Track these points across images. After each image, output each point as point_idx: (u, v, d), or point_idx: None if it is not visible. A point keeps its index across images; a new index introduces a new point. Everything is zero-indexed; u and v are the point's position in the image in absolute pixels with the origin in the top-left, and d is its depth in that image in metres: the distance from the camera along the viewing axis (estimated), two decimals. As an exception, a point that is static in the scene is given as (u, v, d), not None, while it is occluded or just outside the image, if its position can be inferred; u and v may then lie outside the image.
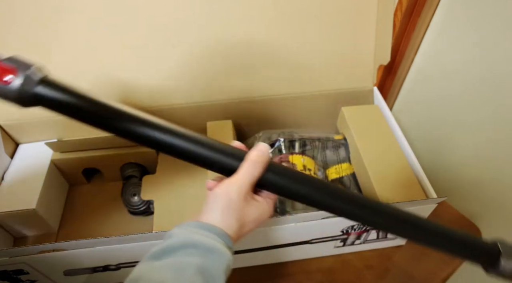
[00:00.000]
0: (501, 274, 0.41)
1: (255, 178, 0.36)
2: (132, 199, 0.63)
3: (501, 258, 0.41)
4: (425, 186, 0.54)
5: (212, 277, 0.31)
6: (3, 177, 0.60)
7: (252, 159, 0.36)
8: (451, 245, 0.42)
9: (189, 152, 0.36)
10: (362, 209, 0.38)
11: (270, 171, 0.37)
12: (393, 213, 0.40)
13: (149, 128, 0.36)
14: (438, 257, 0.61)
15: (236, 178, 0.35)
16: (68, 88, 0.34)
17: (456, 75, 0.64)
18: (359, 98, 0.68)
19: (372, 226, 0.45)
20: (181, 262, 0.31)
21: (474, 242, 0.42)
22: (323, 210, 0.39)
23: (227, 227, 0.34)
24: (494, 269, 0.41)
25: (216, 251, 0.32)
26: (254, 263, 0.60)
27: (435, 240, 0.42)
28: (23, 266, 0.49)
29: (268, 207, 0.38)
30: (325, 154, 0.66)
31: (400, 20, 0.69)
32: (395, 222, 0.40)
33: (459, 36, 0.61)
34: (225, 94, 0.63)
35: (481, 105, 0.61)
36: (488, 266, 0.42)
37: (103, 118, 0.35)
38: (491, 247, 0.41)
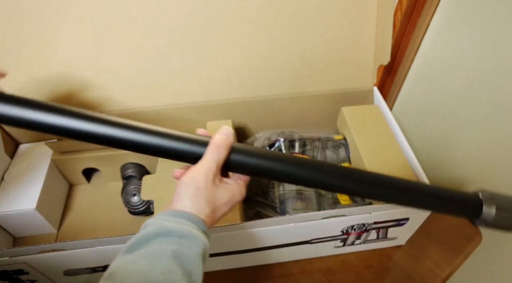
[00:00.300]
0: (485, 222, 0.41)
1: (221, 161, 0.36)
2: (132, 199, 0.63)
3: (483, 207, 0.41)
4: (425, 186, 0.54)
5: (188, 262, 0.31)
6: (3, 177, 0.60)
7: (216, 143, 0.36)
8: (436, 202, 0.42)
9: (152, 145, 0.37)
10: (336, 177, 0.39)
11: (235, 152, 0.37)
12: (372, 177, 0.40)
13: (104, 127, 0.36)
14: (438, 257, 0.61)
15: (201, 163, 0.36)
16: (14, 98, 0.34)
17: (456, 75, 0.64)
18: (359, 98, 0.68)
19: (352, 193, 0.45)
20: (155, 250, 0.31)
21: (457, 196, 0.42)
22: (295, 184, 0.39)
23: (199, 211, 0.34)
24: (479, 220, 0.41)
25: (189, 236, 0.32)
26: (254, 263, 0.60)
27: (419, 199, 0.42)
28: (23, 266, 0.49)
29: (239, 188, 0.38)
30: (325, 154, 0.66)
31: (400, 20, 0.69)
32: (375, 187, 0.40)
33: (459, 36, 0.61)
34: (225, 94, 0.63)
35: (481, 105, 0.61)
36: (474, 217, 0.42)
37: (49, 124, 0.36)
38: (473, 198, 0.42)
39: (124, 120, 0.37)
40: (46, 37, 0.54)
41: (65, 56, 0.56)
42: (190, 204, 0.35)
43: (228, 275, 0.59)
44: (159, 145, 0.37)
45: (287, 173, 0.38)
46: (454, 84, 0.66)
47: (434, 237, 0.63)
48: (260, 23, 0.58)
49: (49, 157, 0.63)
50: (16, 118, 0.35)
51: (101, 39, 0.56)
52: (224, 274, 0.59)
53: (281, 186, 0.59)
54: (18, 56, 0.55)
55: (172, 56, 0.59)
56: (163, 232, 0.32)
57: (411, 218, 0.54)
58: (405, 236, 0.61)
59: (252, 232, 0.49)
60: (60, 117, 0.36)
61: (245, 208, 0.59)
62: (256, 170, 0.38)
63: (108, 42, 0.56)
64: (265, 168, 0.38)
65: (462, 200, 0.42)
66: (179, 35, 0.57)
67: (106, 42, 0.56)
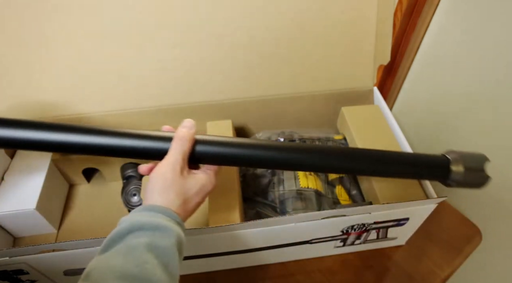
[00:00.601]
0: (456, 182, 0.42)
1: (186, 152, 0.37)
2: (132, 199, 0.63)
3: (451, 166, 0.42)
4: (425, 186, 0.54)
5: (164, 252, 0.32)
6: (3, 177, 0.60)
7: (179, 136, 0.37)
8: (408, 169, 0.43)
9: (117, 147, 0.38)
10: (303, 156, 0.40)
11: (199, 143, 0.39)
12: (338, 153, 0.41)
13: (66, 134, 0.37)
14: (438, 257, 0.61)
15: (167, 158, 0.37)
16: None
17: (456, 75, 0.64)
18: (359, 98, 0.68)
19: (321, 169, 0.47)
20: (129, 245, 0.31)
21: (426, 160, 0.43)
22: (263, 167, 0.41)
23: (170, 204, 0.35)
24: (450, 180, 0.42)
25: (162, 228, 0.33)
26: (254, 263, 0.60)
27: (391, 169, 0.43)
28: (23, 266, 0.49)
29: (209, 177, 0.39)
30: (325, 154, 0.66)
31: (400, 20, 0.69)
32: (342, 161, 0.41)
33: (459, 36, 0.61)
34: (225, 94, 0.63)
35: (481, 105, 0.61)
36: (445, 178, 0.42)
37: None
38: (441, 159, 0.43)
39: (84, 126, 0.38)
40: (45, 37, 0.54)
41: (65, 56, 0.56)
42: (160, 198, 0.35)
43: (228, 275, 0.59)
44: (125, 146, 0.38)
45: (251, 158, 0.40)
46: (454, 84, 0.66)
47: (434, 237, 0.63)
48: (260, 23, 0.58)
49: (49, 157, 0.63)
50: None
51: (100, 39, 0.56)
52: (224, 274, 0.59)
53: (281, 186, 0.59)
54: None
55: (171, 57, 0.59)
56: (136, 226, 0.33)
57: (411, 218, 0.54)
58: (405, 236, 0.61)
59: (252, 232, 0.49)
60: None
61: (245, 208, 0.59)
62: (222, 158, 0.40)
63: (108, 42, 0.56)
64: (230, 155, 0.39)
65: (431, 163, 0.43)
66: (179, 36, 0.57)
67: (104, 42, 0.56)
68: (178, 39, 0.57)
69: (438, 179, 0.44)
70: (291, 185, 0.58)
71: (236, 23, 0.57)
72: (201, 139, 0.39)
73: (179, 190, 0.36)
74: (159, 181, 0.36)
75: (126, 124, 0.63)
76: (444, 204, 0.66)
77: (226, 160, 0.40)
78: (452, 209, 0.68)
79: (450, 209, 0.68)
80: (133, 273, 0.29)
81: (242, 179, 0.62)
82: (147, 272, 0.30)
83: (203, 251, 0.53)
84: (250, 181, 0.61)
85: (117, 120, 0.62)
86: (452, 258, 0.61)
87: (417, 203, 0.50)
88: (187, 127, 0.38)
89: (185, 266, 0.57)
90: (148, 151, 0.38)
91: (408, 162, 0.43)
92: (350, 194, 0.62)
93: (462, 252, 0.62)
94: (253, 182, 0.61)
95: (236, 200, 0.53)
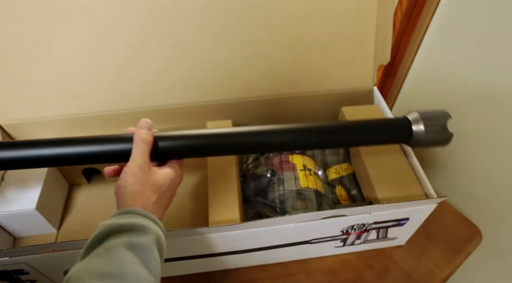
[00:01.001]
0: (419, 141, 0.42)
1: (149, 151, 0.38)
2: (132, 199, 0.63)
3: (412, 127, 0.42)
4: (425, 186, 0.54)
5: (142, 250, 0.32)
6: (3, 177, 0.60)
7: (140, 136, 0.38)
8: (370, 136, 0.43)
9: (79, 155, 0.39)
10: (263, 135, 0.42)
11: (159, 141, 0.40)
12: (301, 129, 0.42)
13: (20, 150, 0.39)
14: (438, 257, 0.61)
15: (133, 159, 0.37)
16: None
17: (456, 75, 0.64)
18: (359, 98, 0.68)
19: (283, 148, 0.48)
20: (107, 247, 0.32)
21: (387, 124, 0.44)
22: (224, 154, 0.43)
23: (145, 204, 0.36)
24: (413, 140, 0.43)
25: (140, 227, 0.33)
26: (254, 263, 0.60)
27: (353, 138, 0.44)
28: (23, 266, 0.49)
29: (175, 171, 0.40)
30: (325, 154, 0.66)
31: (400, 20, 0.69)
32: (307, 137, 0.42)
33: (459, 36, 0.61)
34: (225, 94, 0.63)
35: (481, 105, 0.61)
36: (408, 139, 0.43)
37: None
38: (402, 121, 0.43)
39: (41, 140, 0.39)
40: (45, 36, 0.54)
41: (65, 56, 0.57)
42: (134, 201, 0.36)
43: (228, 275, 0.59)
44: (88, 153, 0.39)
45: (212, 147, 0.42)
46: (454, 84, 0.66)
47: (434, 237, 0.63)
48: (260, 23, 0.58)
49: (49, 157, 0.63)
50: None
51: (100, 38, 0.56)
52: (224, 274, 0.59)
53: (281, 186, 0.59)
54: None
55: (171, 57, 0.59)
56: (114, 229, 0.33)
57: (411, 218, 0.54)
58: (405, 236, 0.61)
59: (252, 232, 0.49)
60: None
61: (245, 208, 0.59)
62: (183, 151, 0.41)
63: (108, 42, 0.56)
64: (191, 147, 0.41)
65: (393, 126, 0.43)
66: (178, 36, 0.57)
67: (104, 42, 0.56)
68: (178, 39, 0.57)
69: (402, 141, 0.44)
70: (291, 185, 0.58)
71: (236, 23, 0.57)
72: (161, 136, 0.41)
73: (151, 189, 0.37)
74: (130, 184, 0.36)
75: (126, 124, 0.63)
76: (444, 204, 0.66)
77: (188, 152, 0.42)
78: (452, 209, 0.68)
79: (450, 209, 0.68)
80: (111, 271, 0.30)
81: (242, 179, 0.62)
82: (126, 269, 0.30)
83: (203, 251, 0.53)
84: (250, 181, 0.61)
85: (117, 120, 0.62)
86: (452, 258, 0.61)
87: (417, 203, 0.50)
88: (146, 127, 0.39)
89: (185, 266, 0.57)
90: (111, 154, 0.40)
91: (370, 129, 0.43)
92: (350, 194, 0.62)
93: (462, 252, 0.62)
94: (253, 182, 0.61)
95: (236, 200, 0.53)
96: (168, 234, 0.47)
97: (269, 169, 0.61)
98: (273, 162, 0.62)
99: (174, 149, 0.41)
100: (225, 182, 0.55)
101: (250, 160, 0.64)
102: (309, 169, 0.61)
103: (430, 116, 0.43)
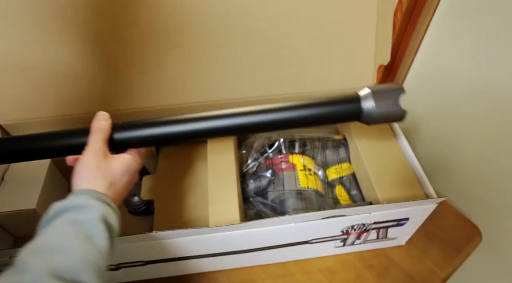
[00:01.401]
0: (372, 118, 0.41)
1: (105, 140, 0.41)
2: (132, 199, 0.63)
3: (361, 103, 0.41)
4: (425, 186, 0.54)
5: (85, 225, 0.33)
6: (3, 177, 0.60)
7: (95, 127, 0.41)
8: (320, 116, 0.43)
9: (37, 150, 0.42)
10: (214, 120, 0.44)
11: (117, 131, 0.42)
12: (249, 112, 0.43)
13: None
14: (438, 257, 0.61)
15: (88, 147, 0.40)
16: None
17: (456, 75, 0.64)
18: (359, 98, 0.68)
19: (234, 133, 0.49)
20: (53, 225, 0.33)
21: (337, 102, 0.43)
22: (182, 142, 0.46)
23: (97, 186, 0.37)
24: (364, 116, 0.42)
25: (85, 205, 0.35)
26: (254, 263, 0.60)
27: (303, 119, 0.43)
28: (23, 266, 0.48)
29: (133, 157, 0.42)
30: (325, 154, 0.66)
31: (400, 20, 0.69)
32: (253, 120, 0.43)
33: (459, 36, 0.61)
34: (225, 94, 0.63)
35: (481, 105, 0.61)
36: (359, 116, 0.42)
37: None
38: (352, 98, 0.42)
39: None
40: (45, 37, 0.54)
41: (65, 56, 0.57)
42: (86, 184, 0.37)
43: (228, 275, 0.59)
44: (48, 147, 0.41)
45: (169, 134, 0.43)
46: (454, 83, 0.66)
47: (434, 237, 0.63)
48: (260, 23, 0.58)
49: (49, 157, 0.63)
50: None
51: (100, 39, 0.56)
52: (224, 274, 0.59)
53: (281, 186, 0.59)
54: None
55: (171, 56, 0.59)
56: (60, 209, 0.34)
57: (411, 218, 0.54)
58: (405, 236, 0.61)
59: (252, 232, 0.49)
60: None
61: (245, 208, 0.59)
62: (141, 140, 0.43)
63: (107, 42, 0.56)
64: (148, 136, 0.43)
65: (342, 102, 0.42)
66: (178, 35, 0.57)
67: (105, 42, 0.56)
68: (178, 39, 0.57)
69: (353, 119, 0.43)
70: (291, 185, 0.58)
71: (236, 23, 0.57)
72: (119, 126, 0.42)
73: (104, 173, 0.38)
74: (84, 169, 0.38)
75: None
76: (444, 204, 0.66)
77: (146, 141, 0.43)
78: (452, 209, 0.68)
79: (450, 209, 0.68)
80: (51, 245, 0.31)
81: (242, 179, 0.62)
82: (65, 243, 0.31)
83: (203, 251, 0.53)
84: (250, 181, 0.61)
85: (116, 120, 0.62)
86: (452, 258, 0.61)
87: (417, 203, 0.50)
88: (103, 119, 0.42)
89: (186, 266, 0.57)
90: (69, 147, 0.41)
91: (318, 107, 0.42)
92: (350, 194, 0.62)
93: (462, 252, 0.62)
94: (253, 182, 0.61)
95: (236, 200, 0.53)
96: (168, 234, 0.47)
97: (269, 169, 0.61)
98: (273, 162, 0.62)
99: (132, 139, 0.43)
100: (225, 182, 0.55)
101: (250, 160, 0.64)
102: (309, 169, 0.61)
103: (382, 91, 0.42)
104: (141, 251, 0.51)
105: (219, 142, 0.61)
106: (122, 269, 0.54)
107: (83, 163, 0.39)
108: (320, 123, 0.44)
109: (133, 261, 0.52)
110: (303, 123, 0.43)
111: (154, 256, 0.53)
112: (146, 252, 0.51)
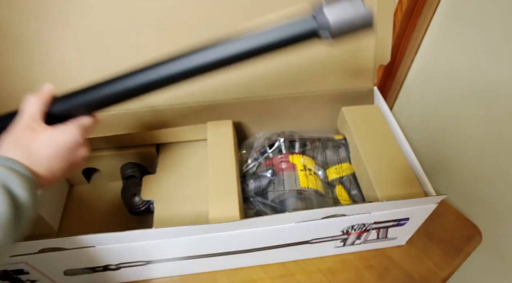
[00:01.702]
0: (331, 30, 0.37)
1: (34, 112, 0.40)
2: (132, 199, 0.63)
3: (315, 15, 0.37)
4: (425, 186, 0.54)
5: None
6: (3, 176, 0.60)
7: (24, 101, 0.41)
8: (276, 44, 0.41)
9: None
10: (158, 72, 0.43)
11: (53, 104, 0.41)
12: (199, 50, 0.42)
13: None
14: (438, 257, 0.61)
15: (16, 120, 0.40)
16: None
17: (457, 75, 0.64)
18: (359, 98, 0.68)
19: (179, 78, 0.47)
20: None
21: (290, 24, 0.40)
22: (120, 102, 0.43)
23: (9, 153, 0.37)
24: (323, 31, 0.38)
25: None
26: (254, 263, 0.60)
27: (258, 49, 0.42)
28: (23, 266, 0.49)
29: (67, 129, 0.41)
30: (325, 154, 0.66)
31: (400, 20, 0.69)
32: (206, 58, 0.42)
33: (460, 36, 0.61)
34: (225, 94, 0.63)
35: (481, 105, 0.61)
36: (318, 33, 0.38)
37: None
38: (304, 12, 0.39)
39: None
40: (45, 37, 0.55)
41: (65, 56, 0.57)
42: (4, 152, 0.37)
43: (228, 275, 0.59)
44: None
45: (104, 97, 0.43)
46: (454, 84, 0.66)
47: (434, 237, 0.63)
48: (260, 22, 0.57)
49: (49, 156, 0.63)
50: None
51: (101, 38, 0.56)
52: (224, 274, 0.59)
53: (281, 186, 0.59)
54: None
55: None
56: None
57: (411, 218, 0.54)
58: (405, 236, 0.61)
59: (252, 232, 0.49)
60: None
61: (245, 208, 0.59)
62: (75, 109, 0.42)
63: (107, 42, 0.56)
64: (82, 104, 0.42)
65: (297, 24, 0.40)
66: (178, 35, 0.57)
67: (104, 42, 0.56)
68: (178, 39, 0.57)
69: (312, 35, 0.39)
70: (291, 185, 0.58)
71: (236, 23, 0.57)
72: (57, 99, 0.42)
73: (23, 142, 0.38)
74: (5, 137, 0.39)
75: (126, 124, 0.63)
76: (444, 204, 0.66)
77: (82, 109, 0.42)
78: (452, 209, 0.68)
79: (450, 209, 0.68)
80: None
81: (242, 179, 0.62)
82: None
83: (203, 251, 0.53)
84: (250, 181, 0.61)
85: (116, 120, 0.62)
86: (452, 258, 0.61)
87: (417, 202, 0.50)
88: (35, 93, 0.41)
89: (185, 266, 0.57)
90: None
91: (271, 31, 0.40)
92: (350, 194, 0.62)
93: (462, 252, 0.62)
94: (253, 182, 0.61)
95: (236, 200, 0.53)
96: (168, 233, 0.47)
97: (269, 169, 0.61)
98: (273, 162, 0.62)
99: (67, 109, 0.42)
100: (225, 182, 0.55)
101: (250, 160, 0.64)
102: (309, 169, 0.61)
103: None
104: (141, 251, 0.51)
105: (219, 141, 0.61)
106: (122, 269, 0.54)
107: (8, 132, 0.39)
108: (276, 48, 0.42)
109: (133, 261, 0.52)
110: (257, 53, 0.41)
111: (154, 256, 0.53)
112: (146, 252, 0.51)
